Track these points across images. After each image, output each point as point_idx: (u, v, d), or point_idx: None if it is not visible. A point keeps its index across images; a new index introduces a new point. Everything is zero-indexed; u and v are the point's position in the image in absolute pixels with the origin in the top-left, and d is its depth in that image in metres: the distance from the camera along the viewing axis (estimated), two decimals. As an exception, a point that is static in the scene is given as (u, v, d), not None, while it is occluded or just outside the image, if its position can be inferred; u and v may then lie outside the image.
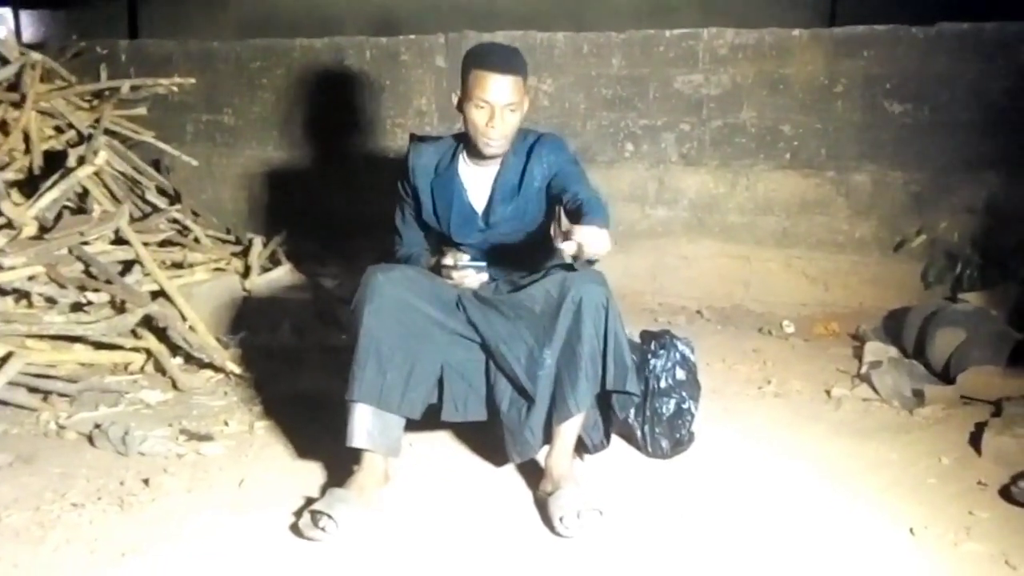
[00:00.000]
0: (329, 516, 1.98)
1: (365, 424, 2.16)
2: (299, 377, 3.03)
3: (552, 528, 2.04)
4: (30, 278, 2.97)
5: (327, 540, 1.99)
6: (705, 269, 4.07)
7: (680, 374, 2.52)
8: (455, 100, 2.34)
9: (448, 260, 2.36)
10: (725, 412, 2.80)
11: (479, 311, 2.27)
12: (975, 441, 2.51)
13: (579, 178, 2.35)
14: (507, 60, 2.29)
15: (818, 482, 2.32)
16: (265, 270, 3.74)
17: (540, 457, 2.28)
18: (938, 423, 2.72)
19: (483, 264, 2.34)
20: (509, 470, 2.36)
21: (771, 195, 3.96)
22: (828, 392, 2.99)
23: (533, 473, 2.30)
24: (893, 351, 3.25)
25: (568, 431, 2.20)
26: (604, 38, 4.10)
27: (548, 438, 2.23)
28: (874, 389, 2.95)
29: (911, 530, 2.06)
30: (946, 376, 2.99)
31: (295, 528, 2.04)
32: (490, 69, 2.24)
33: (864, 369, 3.10)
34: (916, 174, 3.77)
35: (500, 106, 2.25)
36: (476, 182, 2.41)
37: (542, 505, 2.13)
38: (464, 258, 2.35)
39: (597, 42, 4.12)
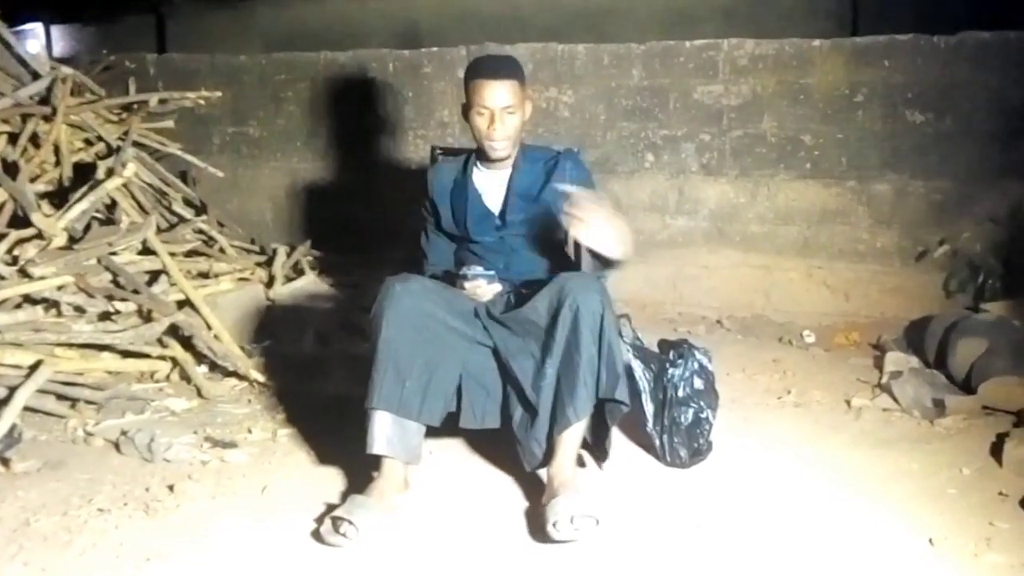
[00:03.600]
0: (350, 522, 2.01)
1: (385, 431, 2.20)
2: (322, 386, 3.06)
3: (545, 533, 2.03)
4: (59, 287, 3.02)
5: (347, 546, 2.01)
6: (725, 279, 4.07)
7: (698, 383, 2.52)
8: (461, 111, 2.50)
9: (462, 271, 2.42)
10: (745, 422, 2.80)
11: (491, 326, 2.32)
12: (996, 452, 2.49)
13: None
14: (501, 67, 2.44)
15: (838, 492, 2.31)
16: (289, 280, 3.79)
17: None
18: (959, 433, 2.70)
19: (493, 274, 2.40)
20: (531, 477, 2.36)
21: (792, 205, 3.96)
22: (848, 402, 2.97)
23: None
24: (914, 361, 3.24)
25: (568, 440, 2.21)
26: (624, 49, 4.13)
27: (551, 447, 2.24)
28: (895, 399, 2.94)
29: (931, 540, 2.04)
30: (967, 386, 2.97)
31: (316, 534, 2.07)
32: (486, 77, 2.40)
33: (885, 379, 3.09)
34: (938, 183, 3.75)
35: (498, 109, 2.39)
36: (490, 185, 2.53)
37: (538, 513, 2.13)
38: (477, 268, 2.41)
39: (617, 53, 4.14)
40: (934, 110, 3.71)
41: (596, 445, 2.38)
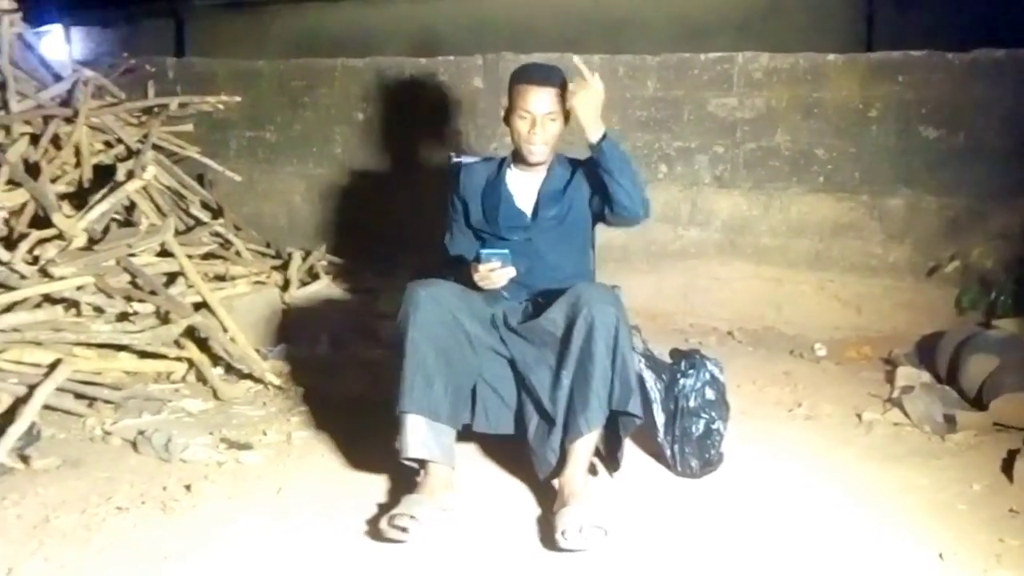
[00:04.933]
0: (412, 517, 2.05)
1: (419, 435, 2.22)
2: (336, 389, 3.09)
3: (554, 542, 2.05)
4: (79, 288, 3.06)
5: (408, 541, 2.04)
6: (737, 291, 4.08)
7: (709, 394, 2.54)
8: (502, 113, 2.56)
9: (477, 253, 2.40)
10: (755, 434, 2.81)
11: (508, 337, 2.35)
12: (1007, 468, 2.50)
13: None
14: (546, 74, 2.49)
15: (847, 505, 2.32)
16: (304, 284, 3.82)
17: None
18: (970, 449, 2.71)
19: (507, 252, 2.36)
20: (543, 484, 2.37)
21: (804, 218, 3.98)
22: (859, 416, 2.98)
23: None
24: (925, 376, 3.24)
25: (580, 450, 2.23)
26: (639, 61, 4.16)
27: (564, 456, 2.26)
28: (905, 414, 2.95)
29: (941, 555, 2.05)
30: (979, 402, 2.97)
31: (375, 533, 2.10)
32: (530, 83, 2.46)
33: (896, 394, 3.10)
34: (951, 199, 3.76)
35: (540, 115, 2.44)
36: (523, 188, 2.57)
37: (549, 521, 2.15)
38: (492, 249, 2.38)
39: (632, 64, 4.17)
40: (948, 126, 3.72)
41: (609, 455, 2.40)
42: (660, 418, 2.53)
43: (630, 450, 2.59)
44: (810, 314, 3.95)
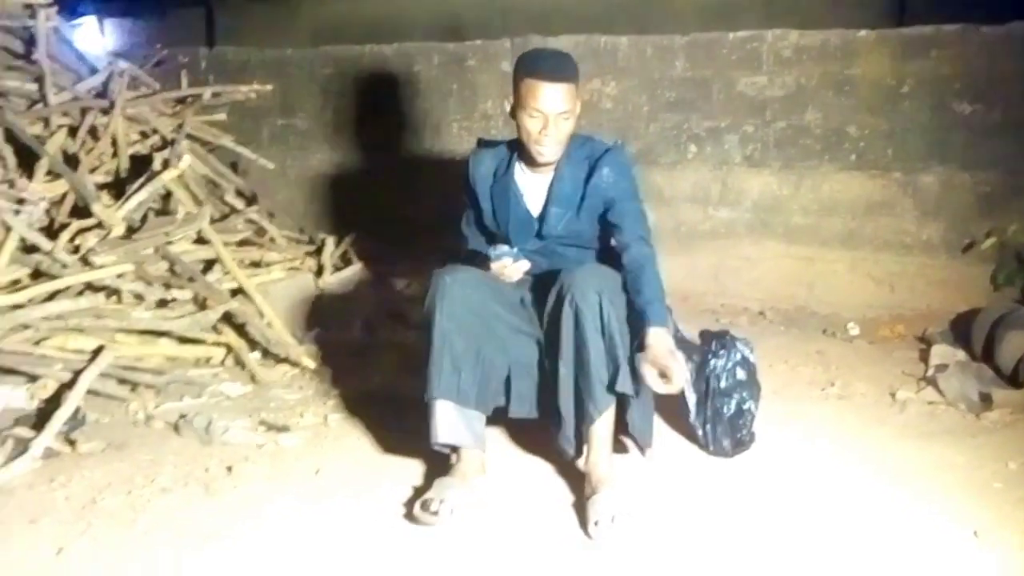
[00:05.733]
0: (443, 500, 2.08)
1: (449, 420, 2.23)
2: (370, 372, 3.14)
3: (586, 532, 2.07)
4: (119, 276, 3.12)
5: (440, 525, 2.08)
6: (768, 270, 4.07)
7: (740, 374, 2.55)
8: (508, 107, 2.34)
9: (488, 252, 2.41)
10: (787, 414, 2.81)
11: (535, 319, 2.34)
12: (1044, 446, 2.49)
13: (636, 217, 2.34)
14: (559, 68, 2.25)
15: (880, 485, 2.32)
16: (337, 269, 3.87)
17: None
18: (1006, 427, 2.69)
19: (516, 251, 2.35)
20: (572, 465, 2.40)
21: (836, 196, 3.95)
22: (893, 395, 2.96)
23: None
24: (961, 354, 3.22)
25: (598, 434, 2.21)
26: (668, 41, 4.14)
27: (581, 443, 2.26)
28: (940, 392, 2.93)
29: (975, 533, 2.05)
30: (1015, 380, 2.95)
31: (409, 516, 2.13)
32: (542, 78, 2.22)
33: (930, 372, 3.08)
34: (985, 175, 3.71)
35: (554, 115, 2.23)
36: (532, 188, 2.41)
37: (581, 508, 2.16)
38: (501, 248, 2.38)
39: (660, 45, 4.15)
40: (982, 101, 3.67)
41: (636, 432, 2.32)
42: (692, 398, 2.54)
43: (662, 430, 2.62)
44: (843, 293, 3.93)
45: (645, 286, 2.20)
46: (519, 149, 2.39)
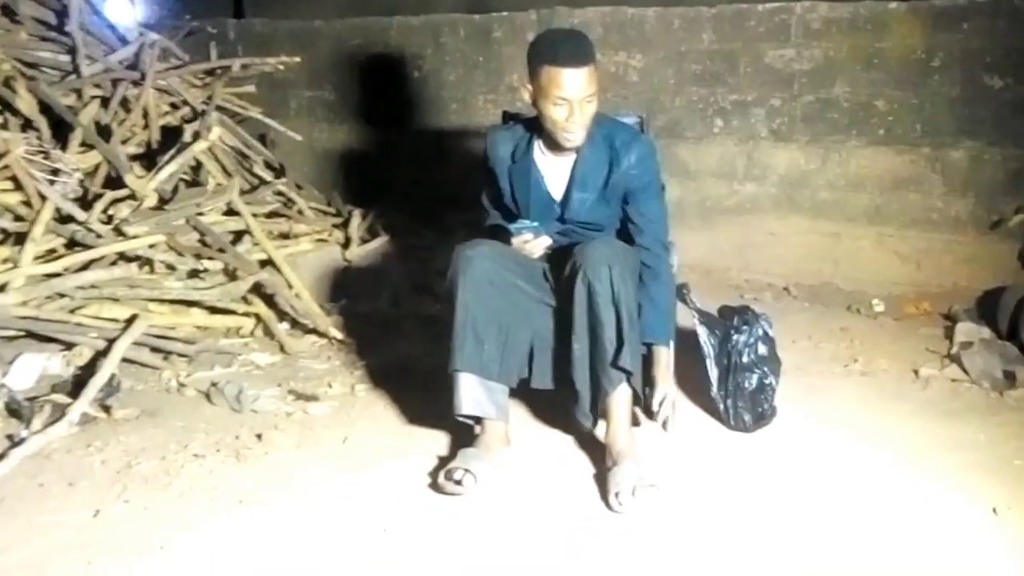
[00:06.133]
0: (467, 471, 2.13)
1: (472, 392, 2.27)
2: (396, 343, 3.19)
3: (607, 504, 2.11)
4: (151, 246, 3.19)
5: (465, 495, 2.13)
6: (793, 246, 4.05)
7: (762, 349, 2.56)
8: (527, 95, 2.28)
9: (509, 227, 2.42)
10: (809, 390, 2.82)
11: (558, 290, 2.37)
12: (1067, 425, 2.49)
13: (658, 219, 2.41)
14: (578, 52, 2.21)
15: (900, 461, 2.33)
16: (364, 241, 3.91)
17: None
18: (1029, 405, 2.69)
19: (536, 225, 2.36)
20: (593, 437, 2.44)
21: (863, 171, 3.91)
22: (916, 372, 2.96)
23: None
24: (986, 332, 3.20)
25: (616, 407, 2.25)
26: (695, 13, 4.10)
27: (598, 416, 2.30)
28: (964, 370, 2.93)
29: (994, 510, 2.07)
30: (1040, 359, 2.94)
31: (434, 485, 2.18)
32: (564, 64, 2.18)
33: (955, 349, 3.07)
34: (1015, 151, 3.65)
35: (579, 100, 2.21)
36: (553, 171, 2.41)
37: (602, 480, 2.20)
38: (522, 222, 2.38)
39: (687, 17, 4.11)
40: (1014, 75, 3.60)
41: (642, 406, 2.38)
42: (713, 373, 2.57)
43: (683, 404, 2.64)
44: (868, 269, 3.91)
45: (657, 295, 2.33)
46: (539, 131, 2.38)
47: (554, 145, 2.36)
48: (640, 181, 2.37)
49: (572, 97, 2.21)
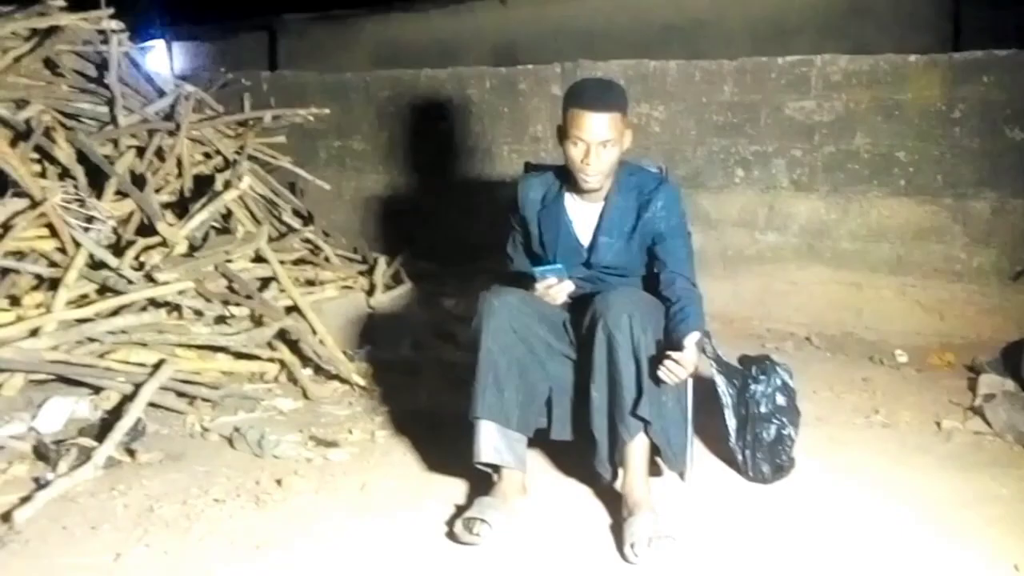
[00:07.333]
0: (483, 520, 2.14)
1: (492, 440, 2.29)
2: (418, 390, 3.21)
3: (623, 555, 2.11)
4: (181, 292, 3.24)
5: (481, 544, 2.13)
6: (815, 295, 4.05)
7: (780, 400, 2.56)
8: (557, 134, 2.40)
9: (534, 271, 2.43)
10: (830, 441, 2.81)
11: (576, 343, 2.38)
12: (1090, 480, 2.45)
13: (684, 258, 2.41)
14: (602, 97, 2.31)
15: (921, 514, 2.31)
16: (388, 288, 3.96)
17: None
18: (1053, 460, 2.66)
19: (561, 267, 2.37)
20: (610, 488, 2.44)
21: (885, 222, 3.92)
22: (939, 424, 2.94)
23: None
24: (1009, 384, 3.17)
25: (633, 457, 2.25)
26: (716, 65, 4.16)
27: (616, 466, 2.30)
28: (987, 423, 2.90)
29: (1016, 567, 2.04)
30: (1065, 412, 2.91)
31: (451, 535, 2.19)
32: (584, 107, 2.28)
33: (978, 402, 3.04)
34: (1038, 202, 3.66)
35: (595, 143, 2.28)
36: (582, 216, 2.46)
37: (618, 531, 2.20)
38: (548, 267, 2.39)
39: (709, 69, 4.18)
40: (1035, 127, 3.62)
41: (669, 456, 2.32)
42: (732, 423, 2.57)
43: (702, 454, 2.64)
44: (891, 320, 3.90)
45: (691, 316, 2.28)
46: (568, 177, 2.44)
47: (581, 189, 2.40)
48: (667, 224, 2.42)
49: (588, 138, 2.28)
